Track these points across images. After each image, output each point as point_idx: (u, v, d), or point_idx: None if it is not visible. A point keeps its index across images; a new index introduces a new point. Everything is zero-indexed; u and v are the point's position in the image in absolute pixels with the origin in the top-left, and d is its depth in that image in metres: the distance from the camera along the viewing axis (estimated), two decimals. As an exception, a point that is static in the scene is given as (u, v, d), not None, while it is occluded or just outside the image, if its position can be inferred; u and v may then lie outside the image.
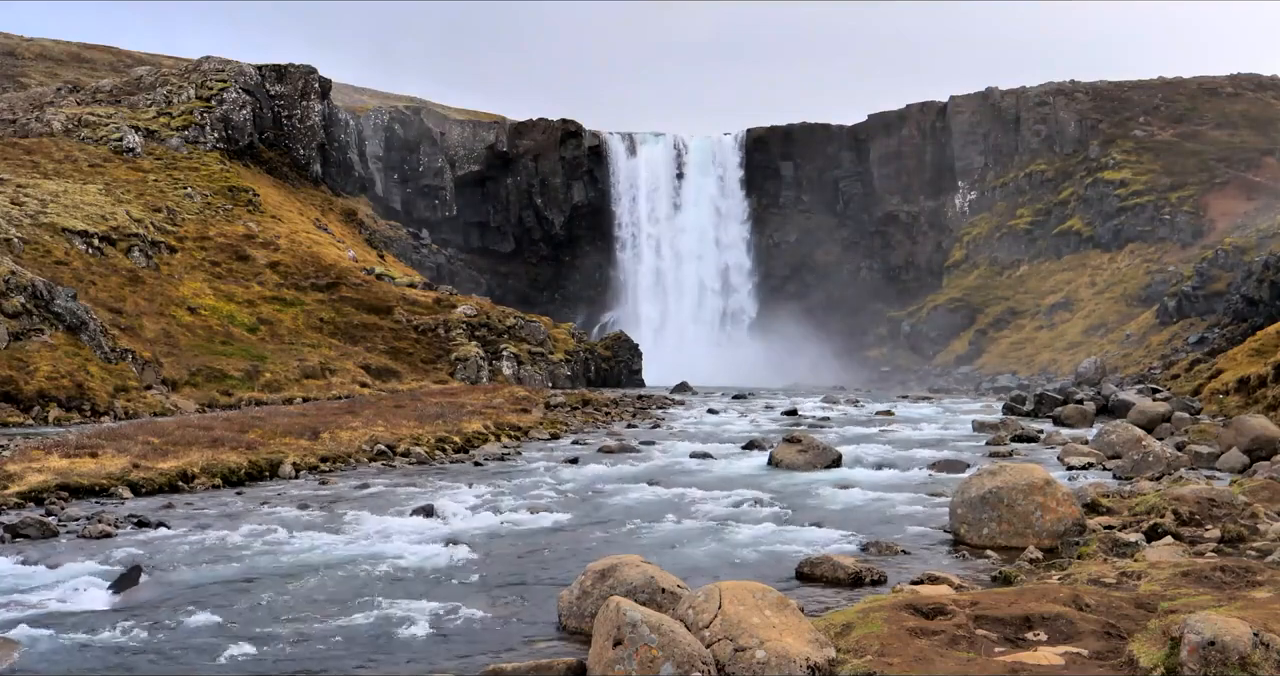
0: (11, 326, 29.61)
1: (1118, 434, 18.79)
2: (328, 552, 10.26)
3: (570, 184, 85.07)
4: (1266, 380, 26.34)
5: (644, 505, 13.58)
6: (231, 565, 9.73)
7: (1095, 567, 8.49)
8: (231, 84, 65.53)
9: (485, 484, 15.49)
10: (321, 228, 62.34)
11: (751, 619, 6.14)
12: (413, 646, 7.15)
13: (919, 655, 5.86)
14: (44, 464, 14.64)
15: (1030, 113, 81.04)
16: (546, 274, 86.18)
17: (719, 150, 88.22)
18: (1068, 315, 66.68)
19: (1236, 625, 5.34)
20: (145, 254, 44.93)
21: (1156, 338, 55.94)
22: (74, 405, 28.13)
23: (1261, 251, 51.84)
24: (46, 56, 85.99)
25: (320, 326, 46.57)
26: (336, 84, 76.28)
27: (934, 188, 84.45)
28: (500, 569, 9.71)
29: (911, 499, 13.92)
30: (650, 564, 7.73)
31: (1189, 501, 10.79)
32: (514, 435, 24.36)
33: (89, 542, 10.75)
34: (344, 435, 20.09)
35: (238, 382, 36.75)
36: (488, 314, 51.93)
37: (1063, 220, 74.63)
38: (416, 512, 12.37)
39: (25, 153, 52.51)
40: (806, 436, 18.98)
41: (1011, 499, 10.51)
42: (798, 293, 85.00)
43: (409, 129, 79.28)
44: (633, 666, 5.75)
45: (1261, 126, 74.25)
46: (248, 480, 15.88)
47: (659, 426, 28.77)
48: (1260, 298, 47.23)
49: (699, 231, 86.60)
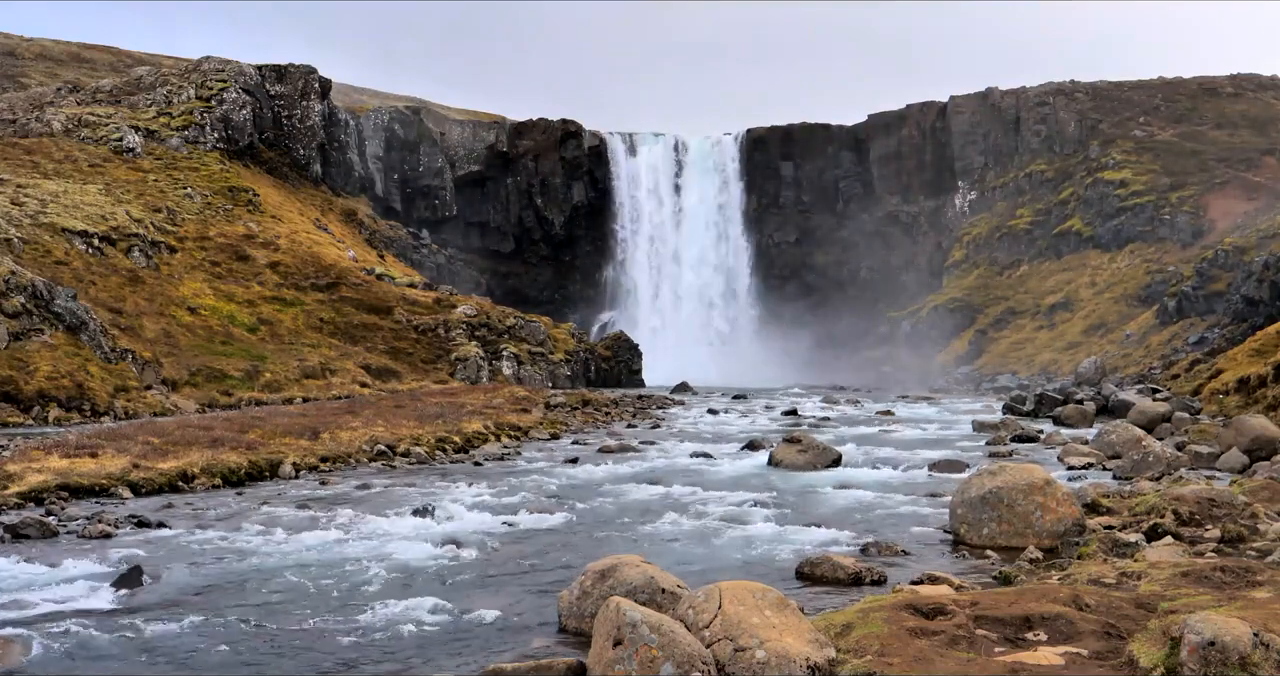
0: (11, 326, 29.61)
1: (1118, 434, 18.79)
2: (328, 552, 10.26)
3: (570, 184, 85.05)
4: (1266, 380, 26.35)
5: (644, 505, 13.58)
6: (232, 565, 9.73)
7: (1095, 567, 8.49)
8: (231, 84, 65.52)
9: (485, 484, 15.49)
10: (321, 228, 62.34)
11: (751, 619, 6.14)
12: (413, 646, 7.15)
13: (919, 655, 5.86)
14: (44, 464, 14.64)
15: (1030, 113, 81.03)
16: (546, 274, 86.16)
17: (719, 150, 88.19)
18: (1068, 315, 66.66)
19: (1236, 625, 5.34)
20: (145, 254, 44.92)
21: (1156, 337, 55.93)
22: (74, 405, 28.13)
23: (1261, 251, 51.83)
24: (46, 56, 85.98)
25: (320, 326, 46.57)
26: (336, 84, 76.25)
27: (934, 188, 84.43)
28: (500, 569, 9.71)
29: (911, 499, 13.93)
30: (650, 564, 7.73)
31: (1189, 501, 10.79)
32: (514, 435, 24.36)
33: (89, 543, 10.75)
34: (344, 435, 20.09)
35: (238, 383, 36.75)
36: (488, 314, 51.92)
37: (1063, 220, 74.62)
38: (416, 513, 12.37)
39: (25, 153, 52.51)
40: (806, 436, 18.98)
41: (1011, 499, 10.51)
42: (798, 293, 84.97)
43: (409, 129, 79.25)
44: (633, 666, 5.75)
45: (1261, 126, 74.24)
46: (248, 480, 15.88)
47: (659, 426, 28.77)
48: (1260, 298, 47.23)
49: (699, 232, 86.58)
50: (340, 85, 79.57)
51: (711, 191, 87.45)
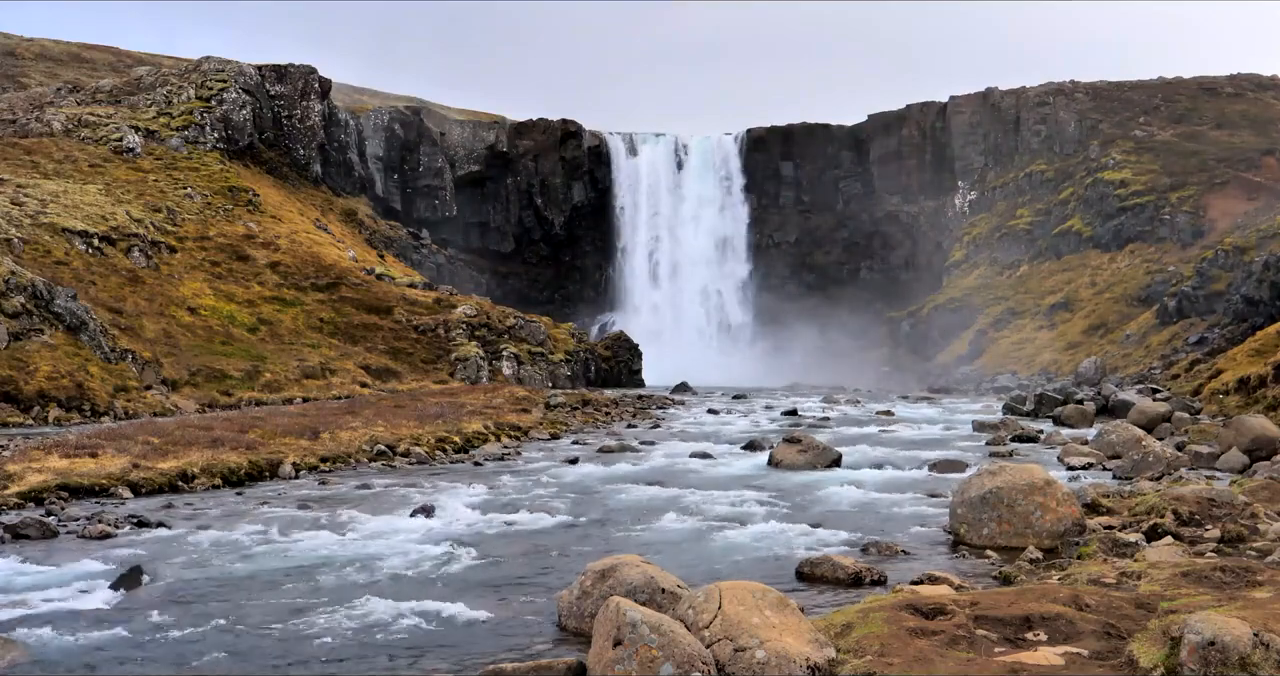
0: (11, 326, 29.61)
1: (1118, 434, 18.79)
2: (328, 552, 10.26)
3: (570, 184, 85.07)
4: (1266, 380, 26.35)
5: (644, 505, 13.57)
6: (231, 565, 9.73)
7: (1095, 568, 8.49)
8: (231, 84, 65.52)
9: (485, 484, 15.49)
10: (321, 228, 62.33)
11: (751, 619, 6.14)
12: (413, 646, 7.15)
13: (919, 655, 5.86)
14: (44, 464, 14.64)
15: (1030, 113, 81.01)
16: (546, 274, 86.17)
17: (719, 150, 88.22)
18: (1068, 315, 66.61)
19: (1236, 625, 5.34)
20: (145, 254, 44.92)
21: (1156, 338, 55.89)
22: (74, 405, 28.13)
23: (1261, 251, 51.81)
24: (46, 56, 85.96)
25: (320, 326, 46.57)
26: (336, 84, 76.24)
27: (934, 188, 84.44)
28: (500, 569, 9.71)
29: (911, 499, 13.92)
30: (650, 564, 7.73)
31: (1189, 501, 10.79)
32: (514, 435, 24.36)
33: (89, 542, 10.75)
34: (344, 435, 20.09)
35: (238, 383, 36.74)
36: (488, 314, 51.91)
37: (1063, 220, 74.57)
38: (416, 512, 12.37)
39: (25, 153, 52.51)
40: (806, 436, 18.98)
41: (1011, 499, 10.51)
42: (798, 293, 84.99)
43: (409, 129, 79.25)
44: (633, 666, 5.75)
45: (1261, 126, 74.19)
46: (248, 480, 15.88)
47: (659, 426, 28.76)
48: (1260, 298, 47.22)
49: (699, 232, 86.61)
50: (340, 85, 79.57)
51: (711, 191, 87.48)
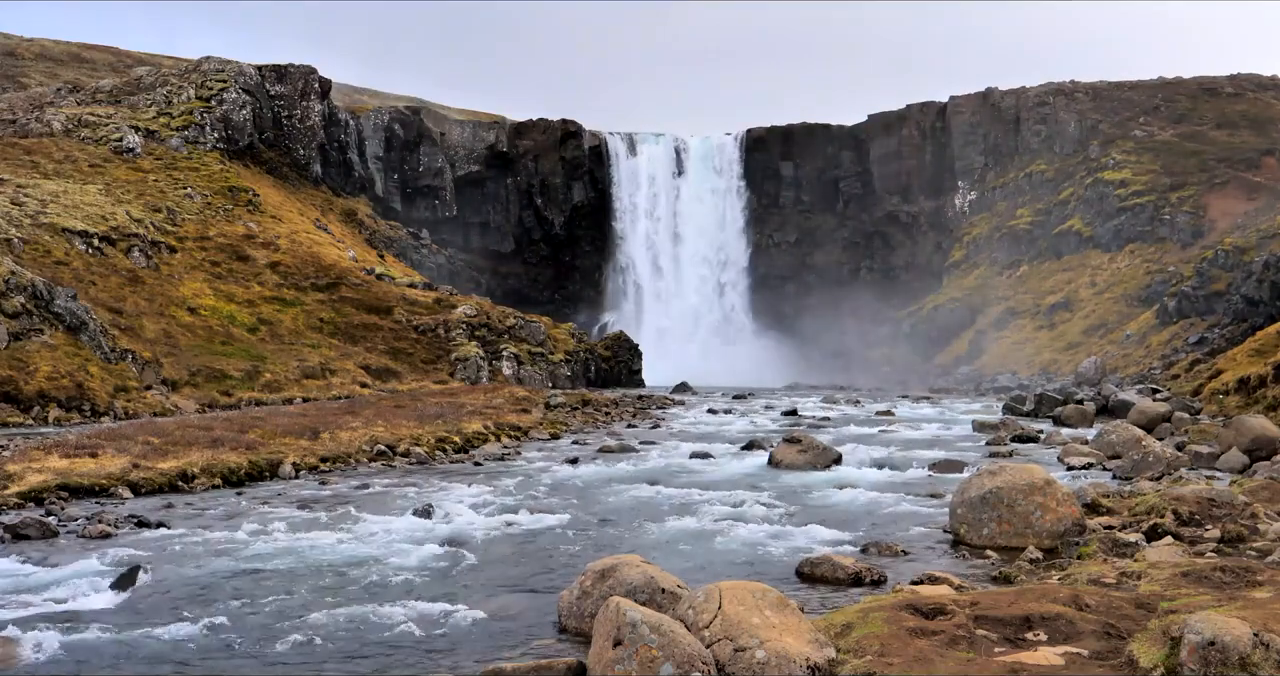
0: (11, 326, 29.60)
1: (1118, 434, 18.79)
2: (328, 553, 10.26)
3: (570, 184, 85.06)
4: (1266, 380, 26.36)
5: (644, 505, 13.57)
6: (231, 565, 9.73)
7: (1095, 568, 8.49)
8: (231, 84, 65.52)
9: (485, 484, 15.49)
10: (321, 228, 62.33)
11: (751, 619, 6.14)
12: (412, 646, 7.15)
13: (919, 655, 5.86)
14: (44, 464, 14.64)
15: (1030, 113, 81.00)
16: (546, 274, 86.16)
17: (719, 150, 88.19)
18: (1068, 315, 66.62)
19: (1236, 625, 5.33)
20: (145, 254, 44.92)
21: (1156, 338, 55.91)
22: (74, 405, 28.13)
23: (1261, 251, 51.84)
24: (46, 56, 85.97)
25: (320, 326, 46.57)
26: (336, 84, 76.25)
27: (934, 188, 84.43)
28: (500, 569, 9.71)
29: (911, 499, 13.92)
30: (650, 564, 7.72)
31: (1189, 501, 10.79)
32: (514, 435, 24.36)
33: (89, 542, 10.75)
34: (344, 435, 20.09)
35: (238, 383, 36.74)
36: (488, 314, 51.91)
37: (1063, 220, 74.58)
38: (416, 513, 12.37)
39: (25, 153, 52.51)
40: (806, 436, 18.97)
41: (1011, 499, 10.51)
42: (798, 293, 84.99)
43: (409, 129, 79.24)
44: (633, 666, 5.75)
45: (1261, 126, 74.19)
46: (248, 480, 15.87)
47: (659, 426, 28.76)
48: (1260, 298, 47.23)
49: (699, 232, 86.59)
50: (340, 85, 79.61)
51: (711, 191, 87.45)
